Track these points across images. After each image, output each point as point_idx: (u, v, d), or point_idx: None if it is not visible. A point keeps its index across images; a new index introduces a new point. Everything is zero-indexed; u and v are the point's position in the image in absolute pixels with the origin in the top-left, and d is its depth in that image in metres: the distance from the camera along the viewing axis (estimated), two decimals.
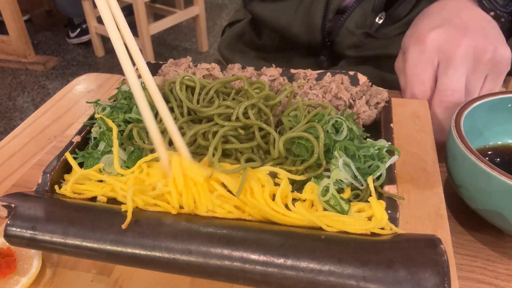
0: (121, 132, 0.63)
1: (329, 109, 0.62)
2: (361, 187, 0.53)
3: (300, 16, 0.91)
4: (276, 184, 0.54)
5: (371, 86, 0.71)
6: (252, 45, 1.08)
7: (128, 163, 0.59)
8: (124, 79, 0.78)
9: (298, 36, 0.93)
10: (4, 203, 0.51)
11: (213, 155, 0.55)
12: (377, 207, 0.49)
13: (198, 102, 0.64)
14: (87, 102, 0.71)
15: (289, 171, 0.55)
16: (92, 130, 0.65)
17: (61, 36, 3.51)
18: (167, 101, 0.65)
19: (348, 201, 0.52)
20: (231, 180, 0.51)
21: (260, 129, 0.60)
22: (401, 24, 0.86)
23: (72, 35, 3.37)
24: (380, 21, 0.88)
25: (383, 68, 0.92)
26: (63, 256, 0.56)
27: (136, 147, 0.61)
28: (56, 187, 0.57)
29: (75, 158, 0.60)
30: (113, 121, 0.63)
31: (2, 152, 0.78)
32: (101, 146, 0.62)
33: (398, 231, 0.47)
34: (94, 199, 0.56)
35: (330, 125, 0.58)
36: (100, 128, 0.63)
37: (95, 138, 0.64)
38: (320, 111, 0.61)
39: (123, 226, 0.47)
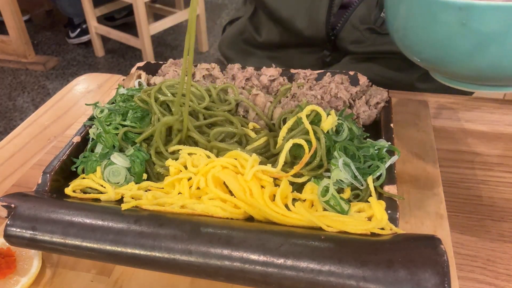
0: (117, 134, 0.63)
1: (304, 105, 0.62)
2: (361, 187, 0.53)
3: (304, 9, 0.91)
4: (276, 185, 0.54)
5: (371, 86, 0.71)
6: (253, 43, 1.08)
7: (134, 168, 0.59)
8: (123, 79, 0.78)
9: (302, 30, 0.93)
10: (4, 203, 0.51)
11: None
12: (377, 207, 0.49)
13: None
14: (86, 104, 0.71)
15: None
16: (90, 131, 0.65)
17: (61, 36, 3.51)
18: (147, 112, 0.65)
19: (348, 201, 0.52)
20: (232, 181, 0.52)
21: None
22: None
23: (72, 35, 3.37)
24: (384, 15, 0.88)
25: (388, 66, 0.92)
26: (63, 256, 0.56)
27: (135, 149, 0.61)
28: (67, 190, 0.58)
29: (74, 163, 0.61)
30: (110, 123, 0.63)
31: (2, 152, 0.78)
32: (99, 148, 0.62)
33: (398, 231, 0.47)
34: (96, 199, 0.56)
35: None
36: (97, 129, 0.64)
37: (92, 139, 0.64)
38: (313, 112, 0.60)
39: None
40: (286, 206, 0.51)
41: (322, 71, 0.74)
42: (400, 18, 0.53)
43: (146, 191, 0.56)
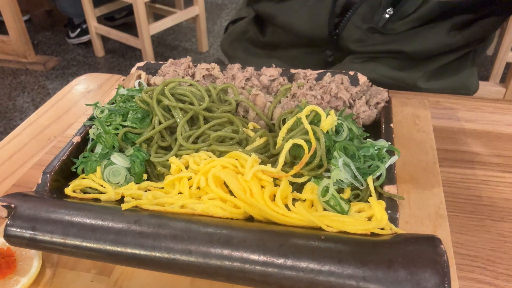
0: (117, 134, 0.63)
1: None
2: (361, 187, 0.53)
3: (306, 12, 0.91)
4: (276, 185, 0.54)
5: (371, 86, 0.71)
6: (256, 42, 1.08)
7: (134, 168, 0.59)
8: (123, 80, 0.78)
9: (304, 31, 0.93)
10: (4, 203, 0.51)
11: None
12: (377, 207, 0.49)
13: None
14: (86, 105, 0.71)
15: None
16: (90, 131, 0.65)
17: (61, 36, 3.51)
18: (148, 112, 0.65)
19: (348, 201, 0.52)
20: (233, 180, 0.52)
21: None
22: (409, 20, 0.87)
23: (72, 35, 3.37)
24: (387, 16, 0.88)
25: (390, 66, 0.92)
26: (63, 256, 0.56)
27: (135, 149, 0.61)
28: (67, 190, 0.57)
29: (74, 163, 0.61)
30: (110, 124, 0.63)
31: (2, 152, 0.78)
32: (99, 148, 0.62)
33: (398, 231, 0.47)
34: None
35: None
36: (97, 129, 0.64)
37: (92, 139, 0.64)
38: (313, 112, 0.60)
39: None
40: (286, 206, 0.50)
41: (322, 71, 0.74)
42: None
43: (146, 191, 0.56)
